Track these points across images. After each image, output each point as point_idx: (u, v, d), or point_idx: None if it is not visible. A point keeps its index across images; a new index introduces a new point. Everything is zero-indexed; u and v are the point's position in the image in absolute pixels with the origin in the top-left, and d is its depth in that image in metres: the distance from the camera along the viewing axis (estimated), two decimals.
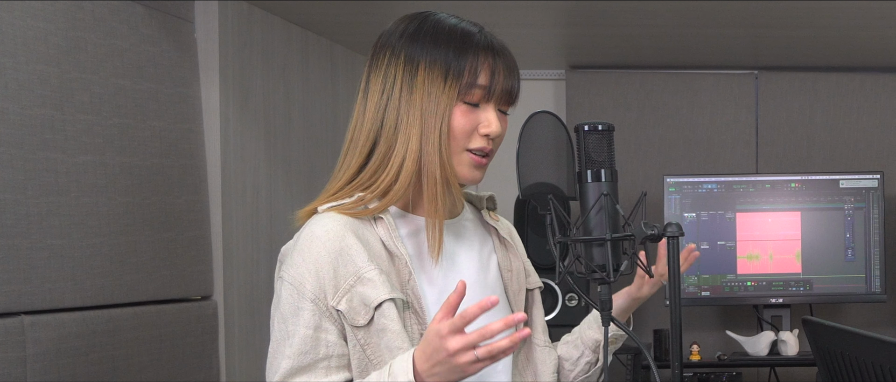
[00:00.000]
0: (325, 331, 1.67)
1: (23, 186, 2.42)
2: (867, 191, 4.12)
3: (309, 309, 1.67)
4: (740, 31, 3.81)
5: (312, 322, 1.66)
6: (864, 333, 1.81)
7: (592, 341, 1.94)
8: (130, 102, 2.81)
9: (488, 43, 1.74)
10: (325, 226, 1.70)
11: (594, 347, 1.94)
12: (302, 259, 1.68)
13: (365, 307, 1.67)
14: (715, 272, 4.13)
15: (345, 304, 1.67)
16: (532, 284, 1.92)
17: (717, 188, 4.14)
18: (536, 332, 1.92)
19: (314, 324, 1.66)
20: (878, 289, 4.11)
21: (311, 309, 1.67)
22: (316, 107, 3.82)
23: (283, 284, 1.70)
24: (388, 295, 1.67)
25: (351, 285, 1.67)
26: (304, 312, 1.67)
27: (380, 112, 1.73)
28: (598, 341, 1.93)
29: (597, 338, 1.93)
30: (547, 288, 3.74)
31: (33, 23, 2.48)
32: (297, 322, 1.67)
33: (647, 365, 3.91)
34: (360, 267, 1.68)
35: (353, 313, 1.67)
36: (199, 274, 3.08)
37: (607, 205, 1.61)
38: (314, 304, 1.67)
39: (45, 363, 2.44)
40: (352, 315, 1.67)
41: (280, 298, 1.70)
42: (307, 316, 1.67)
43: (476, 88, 1.72)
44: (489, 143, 1.74)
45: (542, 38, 4.00)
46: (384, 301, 1.66)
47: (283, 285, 1.70)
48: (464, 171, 1.74)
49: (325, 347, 1.67)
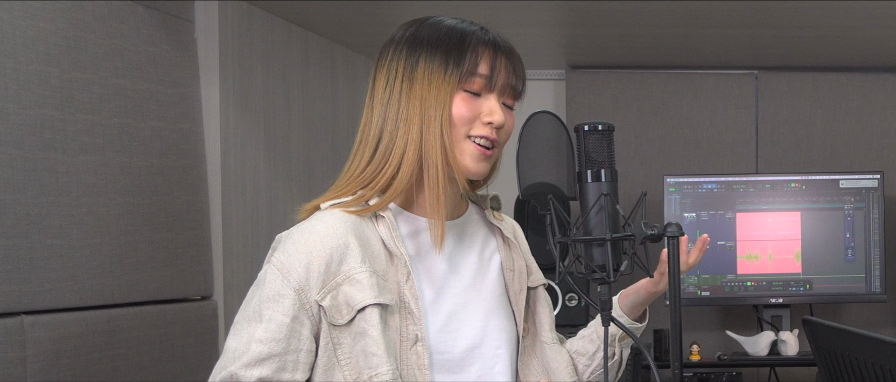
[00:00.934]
0: (301, 325, 1.67)
1: (23, 186, 2.42)
2: (867, 190, 4.12)
3: (290, 299, 1.66)
4: (740, 31, 3.81)
5: (291, 312, 1.66)
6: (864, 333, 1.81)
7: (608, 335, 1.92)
8: (130, 102, 2.81)
9: (490, 38, 1.75)
10: (327, 223, 1.70)
11: (610, 341, 1.91)
12: (295, 249, 1.68)
13: (348, 307, 1.66)
14: (715, 272, 4.13)
15: (328, 301, 1.66)
16: (534, 282, 1.92)
17: (717, 188, 4.14)
18: (543, 330, 1.91)
19: (292, 315, 1.66)
20: (878, 289, 4.11)
21: (293, 299, 1.66)
22: (316, 107, 3.82)
23: (270, 267, 1.70)
24: (374, 300, 1.66)
25: (339, 283, 1.67)
26: (284, 300, 1.66)
27: (383, 109, 1.74)
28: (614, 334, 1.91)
29: (612, 332, 1.90)
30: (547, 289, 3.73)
31: (33, 23, 2.48)
32: (276, 309, 1.66)
33: (647, 365, 3.91)
34: (352, 267, 1.67)
35: (335, 311, 1.67)
36: (199, 274, 3.09)
37: (607, 205, 1.61)
38: (296, 295, 1.66)
39: (45, 363, 2.44)
40: (333, 312, 1.67)
41: (264, 280, 1.69)
42: (287, 305, 1.66)
43: (476, 77, 1.72)
44: (493, 132, 1.73)
45: (542, 38, 4.00)
46: (368, 305, 1.66)
47: (270, 268, 1.70)
48: (467, 162, 1.73)
49: (297, 340, 1.66)
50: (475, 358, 1.78)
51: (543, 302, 1.93)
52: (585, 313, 3.78)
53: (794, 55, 4.23)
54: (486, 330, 1.79)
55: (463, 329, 1.76)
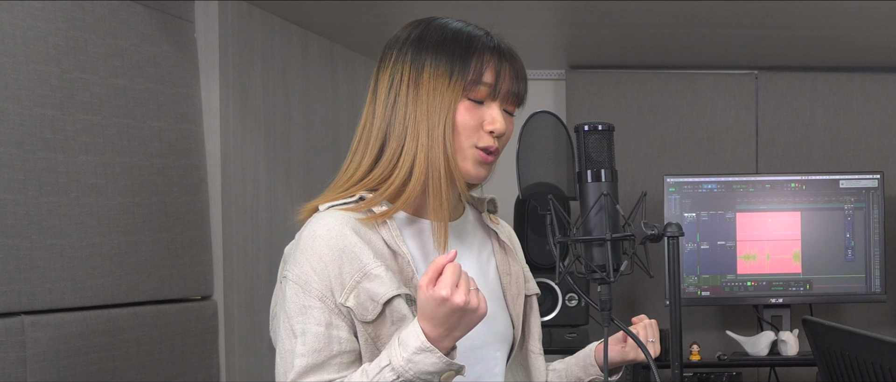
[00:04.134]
0: (337, 328, 1.67)
1: (23, 186, 2.42)
2: (867, 190, 4.12)
3: (317, 308, 1.66)
4: (740, 31, 3.81)
5: (323, 320, 1.66)
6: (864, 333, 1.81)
7: (576, 379, 1.97)
8: (130, 102, 2.81)
9: (495, 44, 1.75)
10: (326, 225, 1.70)
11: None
12: (305, 258, 1.68)
13: (373, 302, 1.67)
14: (715, 272, 4.13)
15: (353, 300, 1.67)
16: (530, 290, 1.92)
17: (717, 188, 4.14)
18: (533, 339, 1.93)
19: (325, 322, 1.66)
20: (878, 289, 4.11)
21: (320, 307, 1.66)
22: (316, 107, 3.82)
23: (287, 283, 1.70)
24: (397, 291, 1.67)
25: (357, 281, 1.67)
26: (313, 310, 1.67)
27: (388, 111, 1.74)
28: (581, 381, 1.97)
29: (581, 377, 1.96)
30: (547, 289, 3.73)
31: (33, 23, 2.48)
32: (307, 321, 1.66)
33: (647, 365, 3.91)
34: (365, 263, 1.68)
35: (362, 309, 1.67)
36: (199, 274, 3.09)
37: (607, 205, 1.61)
38: (322, 302, 1.67)
39: (45, 363, 2.44)
40: (360, 310, 1.67)
41: (285, 298, 1.70)
42: (317, 314, 1.66)
43: (481, 85, 1.72)
44: (495, 142, 1.74)
45: (542, 38, 4.00)
46: (393, 297, 1.67)
47: (287, 284, 1.70)
48: (469, 168, 1.74)
49: (338, 344, 1.67)
50: (477, 359, 1.78)
51: (534, 311, 1.95)
52: (585, 313, 3.78)
53: (794, 55, 4.23)
54: (487, 332, 1.80)
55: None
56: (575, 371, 1.96)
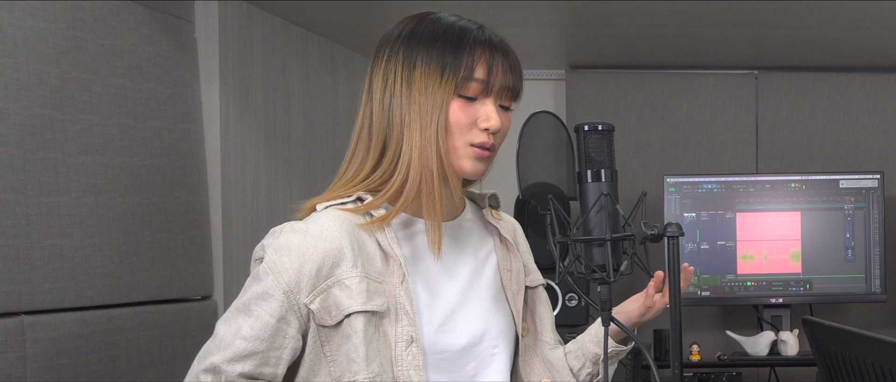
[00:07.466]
0: (288, 324, 1.68)
1: (23, 186, 2.42)
2: (867, 190, 4.12)
3: (278, 300, 1.67)
4: (740, 31, 3.81)
5: (278, 313, 1.67)
6: (864, 333, 1.81)
7: (593, 355, 1.91)
8: (130, 102, 2.81)
9: (486, 38, 1.73)
10: (322, 225, 1.69)
11: (595, 360, 1.91)
12: (288, 250, 1.68)
13: (336, 310, 1.68)
14: (715, 272, 4.13)
15: (317, 304, 1.67)
16: (532, 282, 1.91)
17: (717, 188, 4.14)
18: (545, 330, 1.91)
19: (279, 315, 1.67)
20: (878, 289, 4.11)
21: (281, 300, 1.67)
22: (316, 107, 3.82)
23: (263, 265, 1.70)
24: (361, 308, 1.67)
25: (329, 286, 1.68)
26: (273, 301, 1.67)
27: (385, 111, 1.73)
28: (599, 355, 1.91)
29: (597, 352, 1.91)
30: (547, 289, 3.73)
31: (33, 23, 2.48)
32: (264, 307, 1.67)
33: (647, 365, 3.91)
34: (343, 271, 1.68)
35: (324, 312, 1.68)
36: (199, 274, 3.09)
37: (607, 205, 1.61)
38: (285, 297, 1.67)
39: (45, 363, 2.44)
40: (322, 314, 1.68)
41: (257, 275, 1.70)
42: (275, 306, 1.67)
43: (472, 82, 1.71)
44: (490, 138, 1.73)
45: (542, 38, 4.00)
46: (354, 312, 1.67)
47: (263, 266, 1.70)
48: (465, 165, 1.73)
49: (282, 338, 1.68)
50: (471, 357, 1.78)
51: (544, 302, 1.93)
52: (585, 313, 3.78)
53: (794, 55, 4.23)
54: (484, 330, 1.79)
55: (459, 330, 1.76)
56: (590, 348, 1.91)
